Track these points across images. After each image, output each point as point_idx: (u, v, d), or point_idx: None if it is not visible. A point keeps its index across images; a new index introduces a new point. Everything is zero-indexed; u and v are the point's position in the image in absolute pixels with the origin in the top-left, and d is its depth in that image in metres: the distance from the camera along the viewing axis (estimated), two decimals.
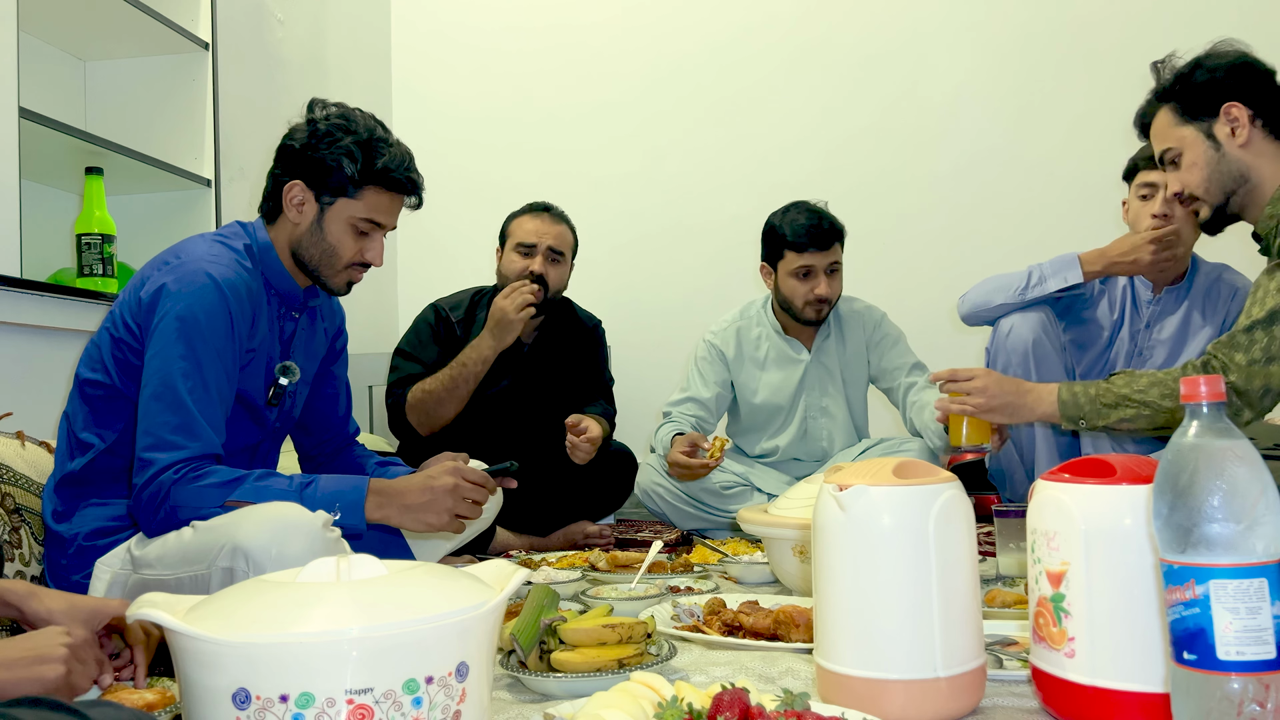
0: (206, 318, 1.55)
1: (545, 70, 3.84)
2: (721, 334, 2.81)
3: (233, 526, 1.40)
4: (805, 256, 2.59)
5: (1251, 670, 0.79)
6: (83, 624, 1.22)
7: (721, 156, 3.70)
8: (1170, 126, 1.81)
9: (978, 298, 2.42)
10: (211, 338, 1.55)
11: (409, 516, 1.60)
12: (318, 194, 1.68)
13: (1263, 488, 0.81)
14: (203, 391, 1.54)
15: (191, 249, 1.64)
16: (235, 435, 1.67)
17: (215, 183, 2.68)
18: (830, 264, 2.61)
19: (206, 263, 1.60)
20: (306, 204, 1.69)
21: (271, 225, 1.73)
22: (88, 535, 1.59)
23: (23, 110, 2.07)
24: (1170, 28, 3.33)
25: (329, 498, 1.55)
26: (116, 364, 1.61)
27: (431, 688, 0.75)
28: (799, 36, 3.66)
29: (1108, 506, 1.00)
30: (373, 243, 1.72)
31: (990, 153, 3.49)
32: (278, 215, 1.72)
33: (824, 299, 2.62)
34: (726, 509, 2.64)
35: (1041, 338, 2.31)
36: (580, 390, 2.73)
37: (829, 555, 1.08)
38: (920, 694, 1.02)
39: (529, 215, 2.66)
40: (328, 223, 1.69)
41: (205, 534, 1.44)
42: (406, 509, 1.60)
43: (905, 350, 2.74)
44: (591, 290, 3.04)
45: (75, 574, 1.58)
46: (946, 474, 1.10)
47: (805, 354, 2.75)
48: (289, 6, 3.23)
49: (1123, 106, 3.36)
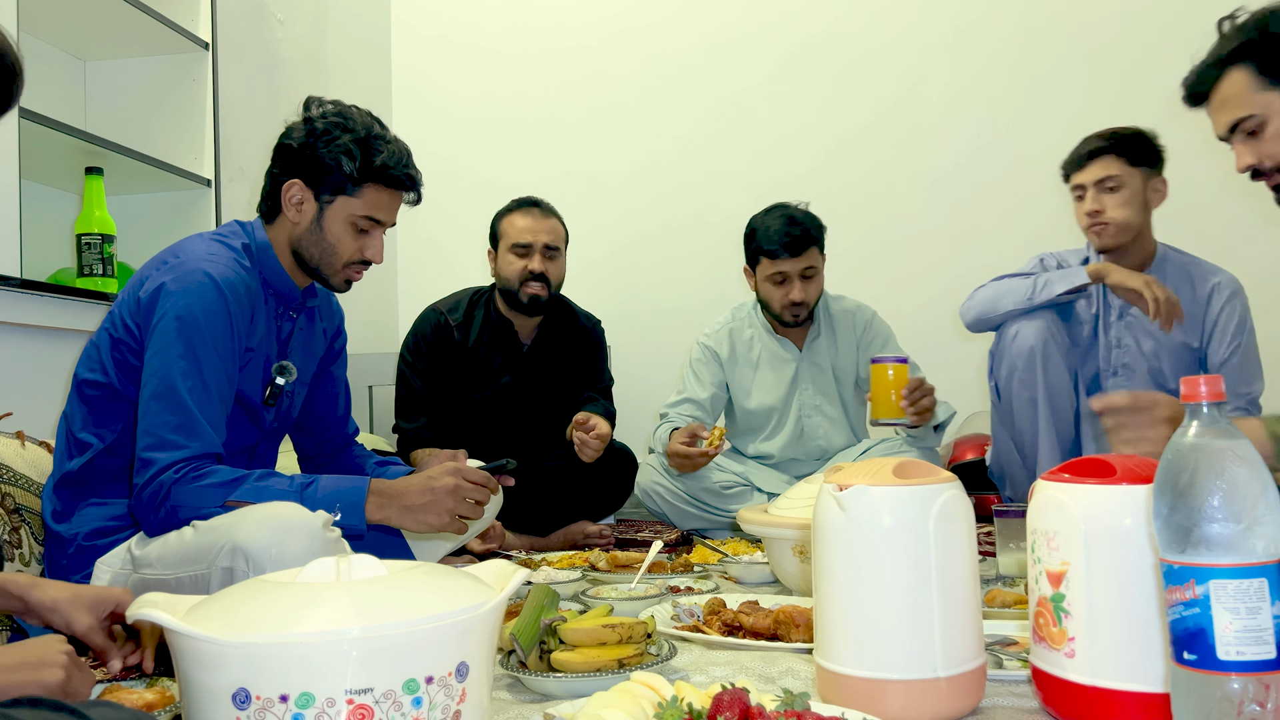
0: (205, 317, 1.55)
1: (545, 71, 3.84)
2: (715, 335, 2.81)
3: (232, 526, 1.40)
4: (779, 263, 2.60)
5: (1251, 670, 0.79)
6: (87, 611, 1.22)
7: (722, 157, 3.70)
8: (1248, 92, 1.55)
9: (982, 305, 2.42)
10: (211, 337, 1.55)
11: (410, 517, 1.60)
12: (317, 192, 1.67)
13: (1263, 488, 0.81)
14: (202, 391, 1.53)
15: (190, 248, 1.64)
16: (233, 435, 1.67)
17: (215, 183, 2.68)
18: (805, 269, 2.61)
19: (205, 262, 1.59)
20: (305, 203, 1.68)
21: (270, 225, 1.73)
22: (87, 535, 1.59)
23: (23, 110, 2.07)
24: (1171, 28, 3.33)
25: (329, 498, 1.54)
26: (115, 364, 1.61)
27: (431, 688, 0.75)
28: (799, 37, 3.66)
29: (1108, 506, 1.00)
30: (373, 240, 1.72)
31: (990, 153, 3.49)
32: (276, 214, 1.72)
33: (799, 303, 2.63)
34: (727, 509, 2.64)
35: (1049, 342, 2.32)
36: (579, 390, 2.73)
37: (829, 555, 1.08)
38: (920, 694, 1.02)
39: (518, 213, 2.63)
40: (327, 221, 1.68)
41: (205, 534, 1.44)
42: (407, 510, 1.60)
43: (894, 350, 2.72)
44: (591, 290, 3.05)
45: (75, 574, 1.58)
46: (947, 474, 1.10)
47: (796, 353, 2.76)
48: (289, 6, 3.23)
49: (1123, 106, 3.37)
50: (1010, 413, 2.39)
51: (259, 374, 1.71)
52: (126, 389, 1.60)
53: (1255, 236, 3.20)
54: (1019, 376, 2.33)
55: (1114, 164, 2.33)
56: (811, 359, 2.75)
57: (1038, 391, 2.33)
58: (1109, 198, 2.33)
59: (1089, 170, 2.35)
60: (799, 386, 2.75)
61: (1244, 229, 3.20)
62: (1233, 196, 3.18)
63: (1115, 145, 2.33)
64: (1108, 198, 2.33)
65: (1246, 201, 3.15)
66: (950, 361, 3.16)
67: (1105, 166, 2.33)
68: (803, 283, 2.62)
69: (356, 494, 1.57)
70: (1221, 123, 1.62)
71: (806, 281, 2.62)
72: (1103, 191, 2.33)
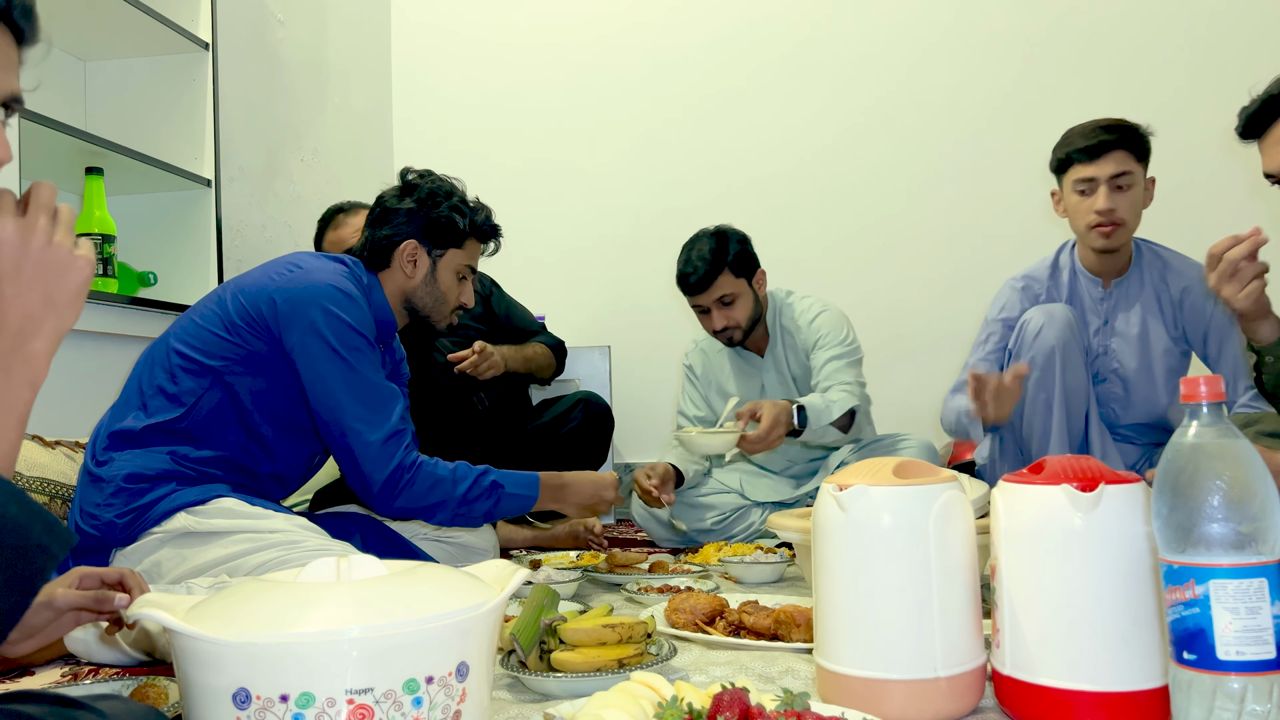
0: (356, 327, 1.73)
1: (545, 70, 3.84)
2: (691, 355, 2.84)
3: None
4: (692, 299, 2.60)
5: (1251, 670, 0.79)
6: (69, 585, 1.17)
7: (722, 157, 3.69)
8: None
9: (949, 424, 2.36)
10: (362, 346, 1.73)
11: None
12: (429, 249, 1.87)
13: (1263, 488, 0.81)
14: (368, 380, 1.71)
15: (312, 263, 1.80)
16: (298, 447, 1.80)
17: (215, 183, 2.68)
18: (717, 299, 2.56)
19: (328, 274, 1.76)
20: (419, 258, 1.87)
21: (378, 273, 1.88)
22: (126, 478, 1.64)
23: (23, 110, 2.07)
24: (1171, 27, 3.33)
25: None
26: (216, 339, 1.71)
27: (432, 688, 0.75)
28: (799, 34, 3.66)
29: (1023, 505, 1.03)
30: (467, 287, 1.94)
31: (990, 153, 3.49)
32: (384, 267, 1.88)
33: (722, 330, 2.60)
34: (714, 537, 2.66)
35: (1070, 342, 2.20)
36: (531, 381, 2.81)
37: (829, 555, 1.08)
38: (920, 694, 1.02)
39: None
40: (440, 273, 1.89)
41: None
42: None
43: (830, 346, 2.64)
44: (592, 290, 3.04)
45: (110, 514, 1.62)
46: (947, 473, 1.11)
47: (759, 362, 2.74)
48: (289, 6, 3.23)
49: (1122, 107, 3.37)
50: (1020, 413, 2.28)
51: None
52: (214, 364, 1.71)
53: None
54: (1036, 378, 2.21)
55: (1128, 160, 2.16)
56: (775, 369, 2.73)
57: (1054, 393, 2.21)
58: (1122, 196, 2.18)
59: (1103, 164, 2.16)
60: (768, 396, 2.73)
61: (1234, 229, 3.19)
62: (1235, 197, 3.18)
63: (1127, 139, 2.17)
64: (1121, 196, 2.18)
65: (1243, 202, 3.16)
66: (947, 359, 3.16)
67: (1121, 161, 2.16)
68: (723, 309, 2.57)
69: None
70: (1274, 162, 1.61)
71: (728, 307, 2.57)
72: (1115, 189, 2.17)
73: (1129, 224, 2.21)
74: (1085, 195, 2.21)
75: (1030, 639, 1.01)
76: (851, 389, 2.50)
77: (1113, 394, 2.34)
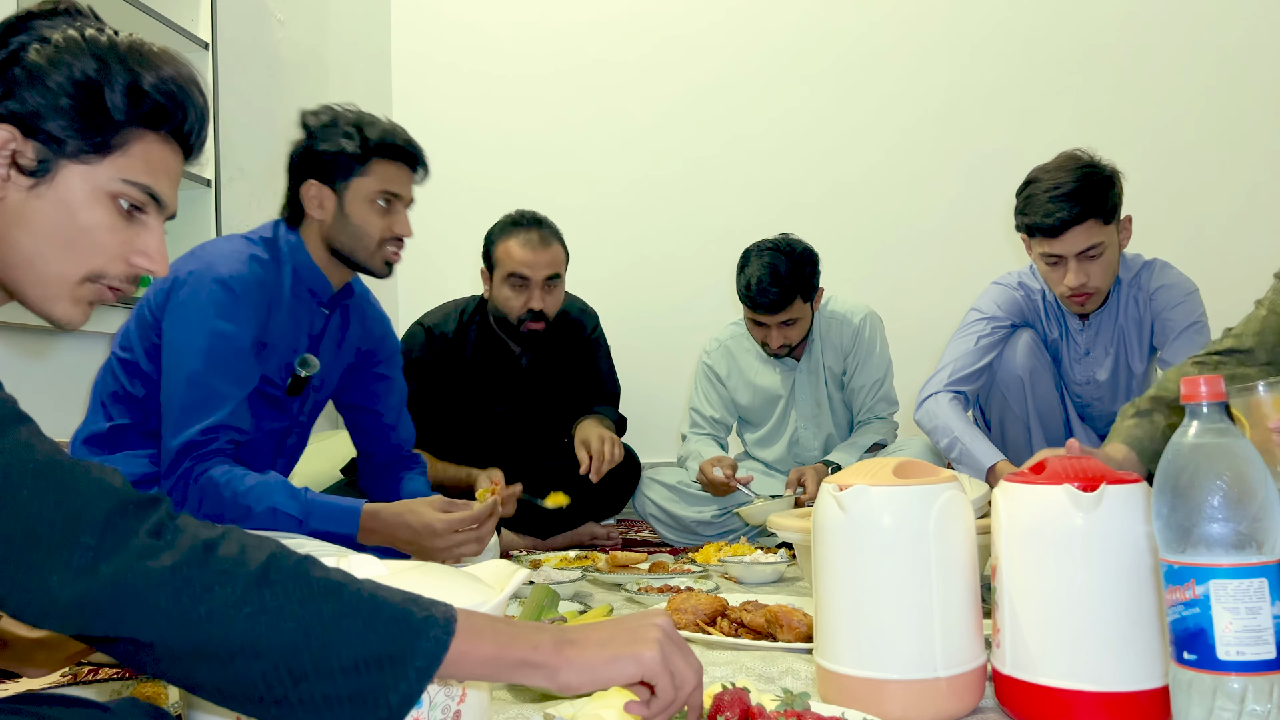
0: (216, 313, 1.63)
1: (546, 71, 3.84)
2: (714, 354, 2.83)
3: None
4: (756, 315, 2.59)
5: (1251, 670, 0.79)
6: None
7: (723, 157, 3.69)
8: None
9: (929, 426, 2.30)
10: (222, 332, 1.63)
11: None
12: (331, 183, 1.75)
13: (1263, 488, 0.81)
14: (215, 374, 1.61)
15: (209, 247, 1.74)
16: (260, 420, 1.74)
17: (215, 183, 2.68)
18: (782, 320, 2.57)
19: (218, 259, 1.68)
20: (324, 197, 1.76)
21: (300, 228, 1.80)
22: None
23: None
24: (1171, 28, 3.33)
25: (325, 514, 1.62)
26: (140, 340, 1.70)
27: (432, 687, 0.75)
28: (800, 36, 3.66)
29: (1024, 505, 1.04)
30: (398, 216, 1.79)
31: (990, 153, 3.48)
32: (301, 219, 1.80)
33: (781, 348, 2.63)
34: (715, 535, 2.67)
35: (1035, 368, 2.27)
36: (583, 399, 2.68)
37: (829, 555, 1.08)
38: (920, 694, 1.02)
39: (516, 240, 2.47)
40: (348, 206, 1.75)
41: None
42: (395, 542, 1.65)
43: (876, 367, 2.69)
44: (592, 291, 3.03)
45: None
46: (947, 473, 1.11)
47: (794, 364, 2.75)
48: (289, 6, 3.23)
49: (1122, 106, 3.37)
50: (1003, 439, 2.35)
51: (281, 365, 1.77)
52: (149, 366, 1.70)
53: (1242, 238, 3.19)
54: (1012, 398, 2.28)
55: (1094, 229, 2.03)
56: (809, 368, 2.75)
57: (1029, 417, 2.29)
58: (1094, 265, 2.07)
59: (1068, 241, 2.04)
60: (797, 398, 2.75)
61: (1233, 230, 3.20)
62: (1234, 197, 3.18)
63: (1090, 208, 2.01)
64: (1092, 265, 2.07)
65: (1243, 202, 3.15)
66: None
67: (1088, 233, 2.03)
68: (783, 330, 2.58)
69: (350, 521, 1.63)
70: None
71: (788, 328, 2.58)
72: (1085, 259, 2.06)
73: (1104, 287, 2.15)
74: (1054, 267, 2.11)
75: (1030, 639, 1.01)
76: (885, 423, 2.67)
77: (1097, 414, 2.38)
